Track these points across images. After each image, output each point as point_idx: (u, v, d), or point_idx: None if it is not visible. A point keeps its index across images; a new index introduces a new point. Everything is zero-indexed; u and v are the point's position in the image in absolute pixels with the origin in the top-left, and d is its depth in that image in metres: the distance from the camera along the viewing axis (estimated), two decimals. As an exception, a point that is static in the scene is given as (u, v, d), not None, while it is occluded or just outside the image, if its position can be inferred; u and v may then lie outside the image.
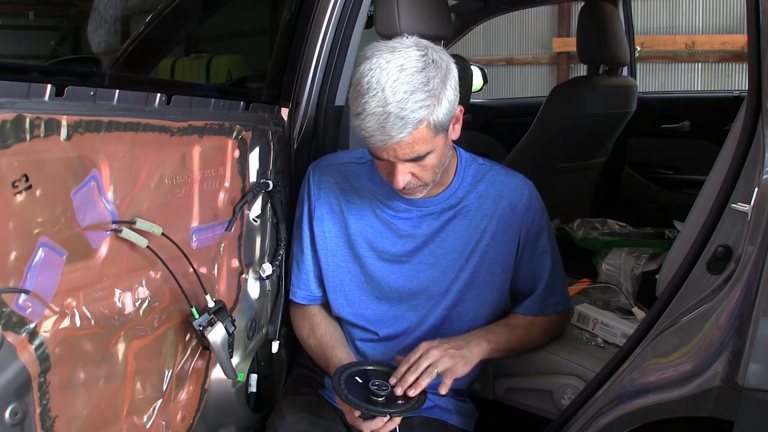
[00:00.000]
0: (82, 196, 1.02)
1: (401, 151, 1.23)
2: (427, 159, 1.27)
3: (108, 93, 1.08)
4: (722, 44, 5.10)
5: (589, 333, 1.58)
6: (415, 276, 1.44)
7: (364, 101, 1.20)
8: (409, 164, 1.26)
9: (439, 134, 1.25)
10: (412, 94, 1.19)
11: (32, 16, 4.99)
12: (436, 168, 1.30)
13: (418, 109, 1.19)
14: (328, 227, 1.47)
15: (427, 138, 1.24)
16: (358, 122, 1.22)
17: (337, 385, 1.25)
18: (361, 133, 1.22)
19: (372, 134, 1.21)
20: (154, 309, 1.21)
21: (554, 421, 1.39)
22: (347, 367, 1.32)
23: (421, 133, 1.22)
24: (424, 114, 1.20)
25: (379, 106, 1.19)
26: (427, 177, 1.30)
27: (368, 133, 1.21)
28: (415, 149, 1.23)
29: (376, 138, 1.21)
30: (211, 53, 4.15)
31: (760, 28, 1.03)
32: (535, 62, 6.16)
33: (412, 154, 1.24)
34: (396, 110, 1.18)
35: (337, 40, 1.65)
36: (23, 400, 0.95)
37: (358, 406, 1.22)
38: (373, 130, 1.20)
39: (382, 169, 1.32)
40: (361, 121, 1.21)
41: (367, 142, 1.24)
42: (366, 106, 1.20)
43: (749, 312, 1.00)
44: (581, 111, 2.42)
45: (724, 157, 1.13)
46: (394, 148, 1.22)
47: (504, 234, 1.43)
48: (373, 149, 1.25)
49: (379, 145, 1.22)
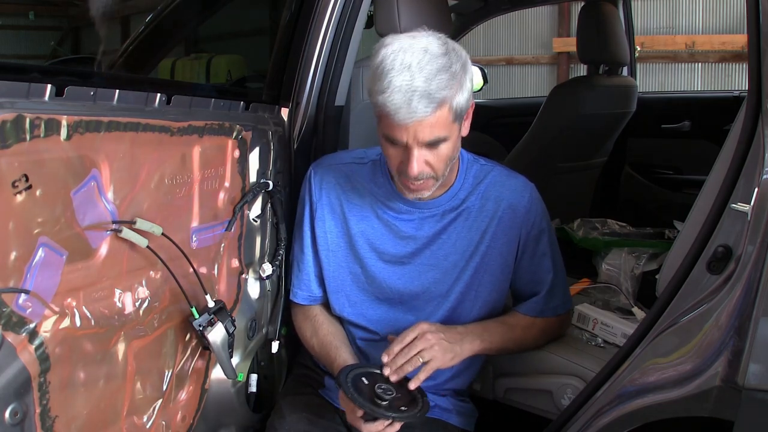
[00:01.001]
0: (82, 196, 1.02)
1: (422, 132, 1.23)
2: (442, 147, 1.26)
3: (108, 93, 1.08)
4: (722, 44, 5.10)
5: (589, 333, 1.58)
6: (416, 277, 1.44)
7: (389, 79, 1.20)
8: (425, 151, 1.26)
9: (456, 122, 1.27)
10: (438, 73, 1.21)
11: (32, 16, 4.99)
12: (448, 160, 1.30)
13: (443, 89, 1.21)
14: (329, 227, 1.46)
15: (447, 122, 1.24)
16: (382, 99, 1.21)
17: (344, 383, 1.25)
18: (386, 109, 1.22)
19: (397, 110, 1.20)
20: (154, 309, 1.21)
21: (554, 421, 1.38)
22: (354, 367, 1.32)
23: (443, 114, 1.23)
24: (448, 94, 1.22)
25: (406, 81, 1.19)
26: (439, 168, 1.29)
27: (394, 108, 1.20)
28: (435, 132, 1.23)
29: (402, 114, 1.20)
30: (211, 53, 4.15)
31: (760, 28, 1.03)
32: (535, 62, 6.15)
33: (431, 136, 1.24)
34: (423, 86, 1.19)
35: (337, 40, 1.65)
36: (23, 400, 0.95)
37: (363, 405, 1.22)
38: (399, 106, 1.20)
39: (395, 159, 1.29)
40: (385, 97, 1.21)
41: (391, 120, 1.22)
42: (392, 81, 1.20)
43: (749, 312, 1.00)
44: (581, 111, 2.42)
45: (724, 157, 1.13)
46: (415, 129, 1.22)
47: (504, 236, 1.42)
48: (393, 130, 1.24)
49: (404, 121, 1.21)
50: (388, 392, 1.25)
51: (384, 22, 1.69)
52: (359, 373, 1.30)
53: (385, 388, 1.26)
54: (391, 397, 1.24)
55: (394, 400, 1.25)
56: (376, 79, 1.23)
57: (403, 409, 1.25)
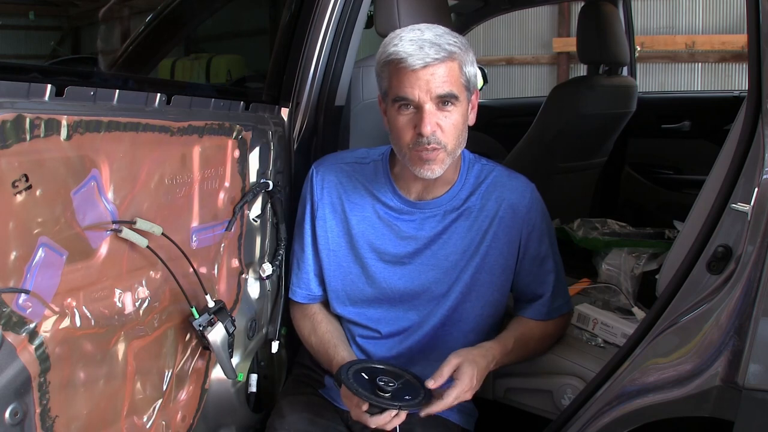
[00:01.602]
0: (82, 196, 1.02)
1: (434, 82, 1.25)
2: (453, 111, 1.28)
3: (108, 93, 1.08)
4: (722, 44, 5.10)
5: (589, 333, 1.58)
6: (416, 277, 1.44)
7: (398, 37, 1.28)
8: (437, 111, 1.27)
9: (466, 89, 1.30)
10: (445, 34, 1.29)
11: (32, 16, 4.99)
12: (457, 130, 1.30)
13: (452, 44, 1.27)
14: (330, 227, 1.46)
15: (458, 80, 1.28)
16: (394, 49, 1.26)
17: (345, 379, 1.26)
18: (397, 57, 1.26)
19: (409, 55, 1.24)
20: (154, 309, 1.21)
21: (554, 421, 1.38)
22: (353, 364, 1.32)
23: (454, 68, 1.27)
24: (457, 51, 1.27)
25: (417, 35, 1.27)
26: (449, 137, 1.29)
27: (405, 53, 1.25)
28: (446, 85, 1.26)
29: (414, 57, 1.24)
30: (211, 53, 4.15)
31: (760, 28, 1.03)
32: (535, 62, 6.16)
33: (443, 88, 1.26)
34: (432, 38, 1.26)
35: (337, 40, 1.65)
36: (23, 400, 0.95)
37: (368, 398, 1.23)
38: (411, 51, 1.25)
39: (407, 127, 1.29)
40: (396, 47, 1.26)
41: (402, 65, 1.26)
42: (403, 36, 1.27)
43: (749, 312, 1.00)
44: (581, 111, 2.42)
45: (724, 157, 1.13)
46: (428, 79, 1.25)
47: (505, 236, 1.42)
48: (404, 85, 1.26)
49: (416, 64, 1.24)
50: (389, 383, 1.26)
51: (384, 22, 1.69)
52: (358, 368, 1.31)
53: (387, 380, 1.26)
54: (393, 388, 1.25)
55: (397, 390, 1.26)
56: (386, 43, 1.30)
57: (408, 398, 1.25)
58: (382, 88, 1.34)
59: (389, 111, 1.32)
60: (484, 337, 1.44)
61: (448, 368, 1.29)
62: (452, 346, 1.38)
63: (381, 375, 1.29)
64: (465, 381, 1.29)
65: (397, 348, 1.46)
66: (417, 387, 1.29)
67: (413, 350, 1.45)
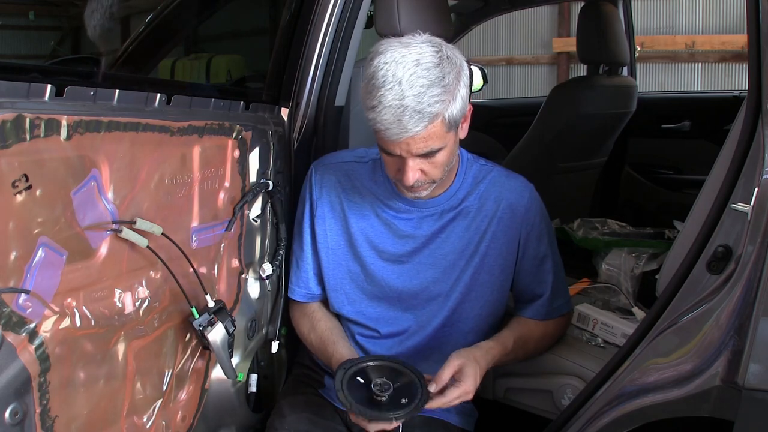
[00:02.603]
0: (82, 196, 1.02)
1: (415, 145, 1.23)
2: (438, 155, 1.26)
3: (108, 93, 1.08)
4: (722, 44, 5.10)
5: (589, 333, 1.58)
6: (414, 276, 1.44)
7: (380, 94, 1.19)
8: (420, 160, 1.26)
9: (451, 130, 1.26)
10: (429, 88, 1.19)
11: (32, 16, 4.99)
12: (445, 165, 1.30)
13: (434, 104, 1.19)
14: (329, 226, 1.47)
15: (441, 133, 1.24)
16: (373, 115, 1.21)
17: (339, 391, 1.25)
18: (377, 125, 1.22)
19: (388, 127, 1.20)
20: (154, 309, 1.21)
21: (554, 421, 1.39)
22: (348, 367, 1.31)
23: (435, 128, 1.22)
24: (439, 108, 1.20)
25: (396, 99, 1.18)
26: (436, 174, 1.30)
27: (384, 126, 1.20)
28: (429, 144, 1.23)
29: (392, 131, 1.20)
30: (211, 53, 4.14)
31: (760, 28, 1.03)
32: (535, 62, 6.15)
33: (425, 149, 1.23)
34: (413, 104, 1.18)
35: (337, 40, 1.65)
36: (23, 400, 0.95)
37: (362, 413, 1.22)
38: (389, 123, 1.19)
39: (391, 166, 1.31)
40: (376, 114, 1.20)
41: (382, 135, 1.23)
42: (382, 99, 1.19)
43: (749, 312, 1.00)
44: (581, 111, 2.42)
45: (724, 157, 1.13)
46: (408, 143, 1.22)
47: (503, 236, 1.42)
48: (386, 144, 1.25)
49: (395, 138, 1.21)
50: (385, 387, 1.25)
51: (384, 22, 1.69)
52: (354, 372, 1.29)
53: (382, 384, 1.25)
54: (389, 393, 1.24)
55: (394, 393, 1.25)
56: (367, 93, 1.23)
57: (404, 402, 1.24)
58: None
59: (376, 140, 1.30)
60: (483, 337, 1.43)
61: (449, 370, 1.29)
62: (452, 347, 1.38)
63: (377, 377, 1.27)
64: (468, 382, 1.28)
65: (397, 348, 1.46)
66: (416, 386, 1.28)
67: (412, 351, 1.45)
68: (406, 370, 1.31)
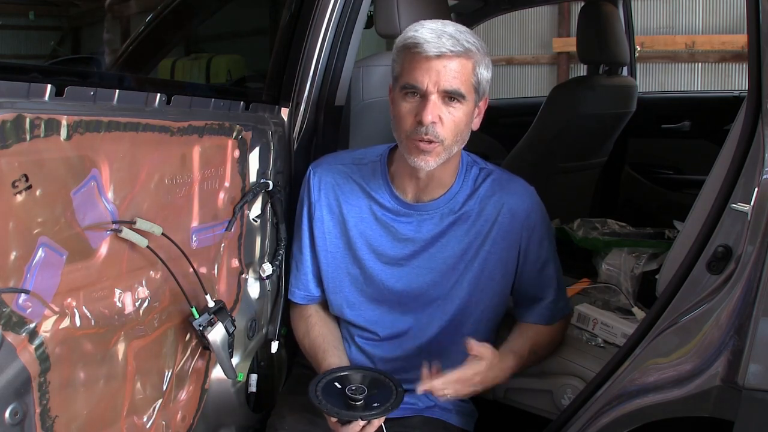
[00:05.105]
0: (82, 196, 1.02)
1: (444, 75, 1.24)
2: (457, 107, 1.27)
3: (108, 93, 1.08)
4: (722, 44, 5.10)
5: (589, 333, 1.58)
6: (414, 280, 1.43)
7: (420, 25, 1.27)
8: (441, 103, 1.26)
9: (475, 92, 1.29)
10: (466, 32, 1.28)
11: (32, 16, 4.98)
12: (457, 128, 1.29)
13: (470, 43, 1.26)
14: (327, 228, 1.46)
15: (468, 80, 1.27)
16: (412, 34, 1.26)
17: (312, 393, 1.28)
18: (414, 41, 1.25)
19: (426, 41, 1.24)
20: (154, 309, 1.21)
21: (554, 421, 1.38)
22: (327, 374, 1.34)
23: (467, 67, 1.26)
24: (474, 50, 1.26)
25: (438, 26, 1.26)
26: (448, 132, 1.28)
27: (422, 39, 1.24)
28: (456, 81, 1.25)
29: (430, 45, 1.23)
30: (210, 53, 4.14)
31: (760, 28, 1.03)
32: (535, 62, 6.15)
33: (451, 84, 1.25)
34: (452, 32, 1.25)
35: (337, 40, 1.65)
36: (23, 400, 0.95)
37: (330, 411, 1.25)
38: (428, 38, 1.24)
39: (408, 114, 1.28)
40: (414, 32, 1.26)
41: (416, 53, 1.25)
42: (425, 26, 1.27)
43: (749, 312, 1.00)
44: (581, 111, 2.42)
45: (724, 157, 1.13)
46: (438, 70, 1.24)
47: (504, 240, 1.42)
48: (415, 71, 1.25)
49: (432, 52, 1.23)
50: (360, 392, 1.27)
51: (384, 22, 1.69)
52: (332, 378, 1.32)
53: (356, 389, 1.28)
54: (364, 396, 1.26)
55: (369, 398, 1.27)
56: (406, 30, 1.29)
57: (376, 405, 1.26)
58: (393, 73, 1.32)
59: (395, 97, 1.31)
60: (483, 340, 1.42)
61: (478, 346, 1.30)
62: (452, 351, 1.38)
63: (353, 384, 1.30)
64: (468, 372, 1.30)
65: (396, 351, 1.46)
66: (391, 390, 1.30)
67: (412, 355, 1.45)
68: (384, 378, 1.33)
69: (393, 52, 1.33)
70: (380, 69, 1.82)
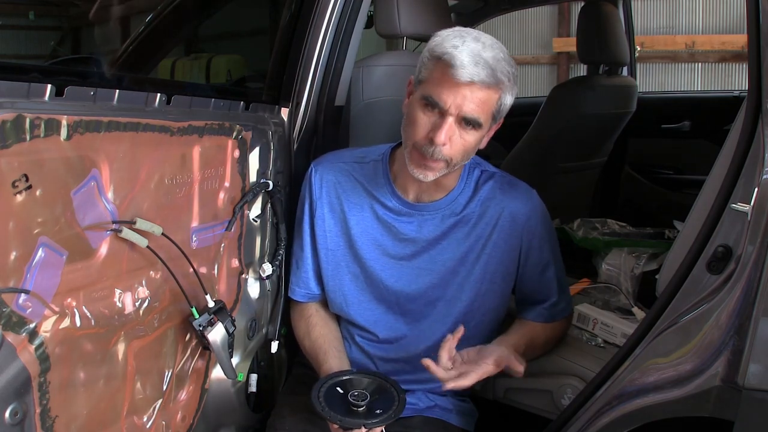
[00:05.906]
0: (82, 196, 1.02)
1: (468, 101, 1.23)
2: (471, 133, 1.27)
3: (108, 93, 1.08)
4: (722, 44, 5.10)
5: (589, 333, 1.58)
6: (413, 280, 1.43)
7: (462, 40, 1.23)
8: (458, 126, 1.25)
9: (492, 121, 1.29)
10: (503, 61, 1.25)
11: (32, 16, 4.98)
12: (466, 152, 1.29)
13: (503, 74, 1.24)
14: (328, 226, 1.46)
15: (489, 111, 1.26)
16: (453, 51, 1.22)
17: (315, 398, 1.27)
18: (452, 61, 1.22)
19: (463, 65, 1.21)
20: (154, 309, 1.21)
21: (554, 421, 1.38)
22: (328, 379, 1.33)
23: (491, 99, 1.25)
24: (504, 82, 1.25)
25: (478, 48, 1.23)
26: (456, 153, 1.28)
27: (460, 61, 1.21)
28: (477, 110, 1.24)
29: (465, 70, 1.21)
30: (211, 53, 4.14)
31: (760, 28, 1.03)
32: (535, 62, 6.15)
33: (472, 112, 1.24)
34: (490, 60, 1.23)
35: (337, 40, 1.65)
36: (23, 400, 0.95)
37: (333, 419, 1.24)
38: (465, 62, 1.21)
39: (423, 127, 1.27)
40: (456, 51, 1.22)
41: (449, 74, 1.22)
42: (465, 43, 1.23)
43: (749, 312, 1.00)
44: (581, 111, 2.42)
45: (724, 157, 1.13)
46: (464, 95, 1.22)
47: (505, 243, 1.42)
48: (442, 89, 1.23)
49: (464, 78, 1.21)
50: (362, 398, 1.26)
51: (384, 22, 1.69)
52: (334, 383, 1.31)
53: (359, 395, 1.27)
54: (366, 402, 1.25)
55: (371, 404, 1.26)
56: (448, 37, 1.25)
57: (378, 413, 1.25)
58: (419, 75, 1.30)
59: (414, 101, 1.29)
60: (484, 342, 1.42)
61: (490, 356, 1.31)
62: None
63: (355, 389, 1.29)
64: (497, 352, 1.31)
65: (395, 353, 1.46)
66: (393, 397, 1.29)
67: (411, 356, 1.44)
68: (387, 384, 1.32)
69: (424, 52, 1.30)
70: (380, 69, 1.82)
